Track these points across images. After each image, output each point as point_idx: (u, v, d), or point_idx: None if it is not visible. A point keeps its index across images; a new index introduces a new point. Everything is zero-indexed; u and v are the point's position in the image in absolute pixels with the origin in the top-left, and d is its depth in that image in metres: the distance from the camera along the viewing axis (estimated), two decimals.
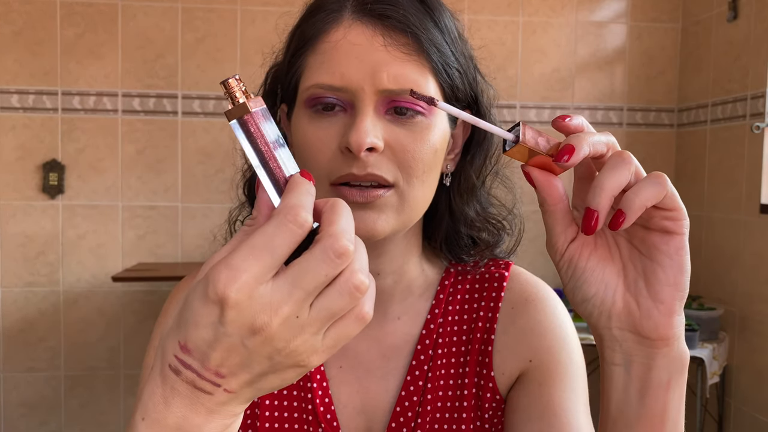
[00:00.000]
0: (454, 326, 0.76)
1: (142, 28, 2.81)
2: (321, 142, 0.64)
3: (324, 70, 0.64)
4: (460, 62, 0.69)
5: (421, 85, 0.64)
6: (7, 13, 2.74)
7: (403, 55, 0.63)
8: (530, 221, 3.24)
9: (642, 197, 0.47)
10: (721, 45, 2.75)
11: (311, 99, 0.64)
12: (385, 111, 0.64)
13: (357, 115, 0.62)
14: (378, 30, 0.64)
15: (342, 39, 0.64)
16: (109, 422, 2.89)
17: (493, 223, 0.77)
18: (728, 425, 2.69)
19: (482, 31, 2.92)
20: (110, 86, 2.81)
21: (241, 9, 2.85)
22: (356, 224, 0.62)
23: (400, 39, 0.64)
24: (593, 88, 3.01)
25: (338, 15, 0.65)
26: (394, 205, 0.65)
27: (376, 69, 0.62)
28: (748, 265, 2.56)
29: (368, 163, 0.62)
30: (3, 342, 2.83)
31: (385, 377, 0.74)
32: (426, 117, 0.65)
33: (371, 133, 0.61)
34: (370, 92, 0.62)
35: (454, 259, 0.78)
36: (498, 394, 0.73)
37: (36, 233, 2.81)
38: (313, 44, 0.65)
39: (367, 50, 0.63)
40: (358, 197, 0.63)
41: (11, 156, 2.78)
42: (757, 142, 2.52)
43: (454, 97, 0.68)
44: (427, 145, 0.65)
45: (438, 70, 0.66)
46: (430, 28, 0.65)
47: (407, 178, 0.64)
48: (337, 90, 0.63)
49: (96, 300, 2.85)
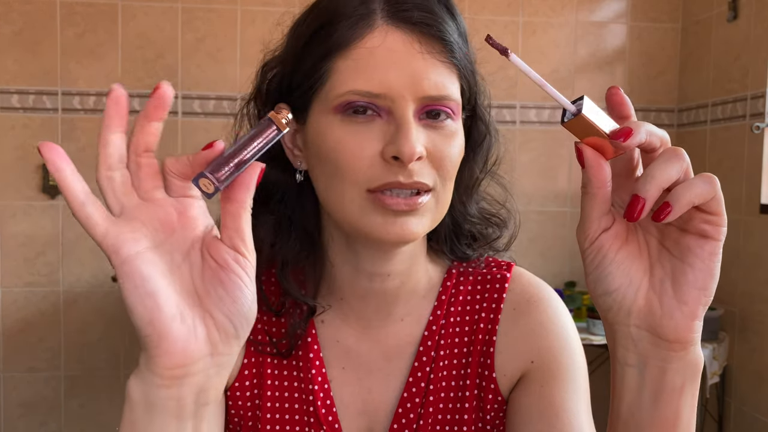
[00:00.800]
0: (456, 327, 0.76)
1: (142, 28, 2.82)
2: (359, 148, 0.63)
3: (360, 77, 0.63)
4: (470, 64, 0.70)
5: (454, 90, 0.65)
6: (7, 13, 2.74)
7: (438, 62, 0.64)
8: (531, 222, 3.26)
9: (691, 194, 0.46)
10: (721, 45, 2.75)
11: (347, 105, 0.63)
12: (419, 117, 0.64)
13: (402, 124, 0.62)
14: (415, 37, 0.64)
15: (380, 45, 0.63)
16: (109, 422, 2.89)
17: (489, 218, 0.78)
18: (728, 425, 2.69)
19: (482, 31, 2.91)
20: (110, 86, 2.81)
21: (241, 9, 2.85)
22: (397, 230, 0.64)
23: (436, 46, 0.64)
24: (593, 88, 3.01)
25: (370, 20, 0.64)
26: (432, 209, 0.66)
27: (416, 76, 0.63)
28: (748, 265, 2.56)
29: (414, 172, 0.62)
30: (3, 342, 2.83)
31: (387, 378, 0.74)
32: (454, 121, 0.66)
33: (419, 142, 0.62)
34: (410, 99, 0.63)
35: (455, 257, 0.78)
36: (500, 395, 0.73)
37: (36, 233, 2.81)
38: (344, 49, 0.64)
39: (405, 57, 0.63)
40: (403, 205, 0.63)
41: (11, 156, 2.78)
42: (757, 142, 2.53)
43: (467, 100, 0.70)
44: (456, 148, 0.66)
45: (462, 75, 0.67)
46: (454, 33, 0.67)
47: (442, 181, 0.65)
48: (375, 96, 0.63)
49: (96, 300, 2.85)
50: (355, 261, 0.72)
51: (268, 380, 0.73)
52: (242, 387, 0.73)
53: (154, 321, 0.44)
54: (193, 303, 0.47)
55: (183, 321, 0.45)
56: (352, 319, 0.75)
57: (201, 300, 0.47)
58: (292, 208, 0.73)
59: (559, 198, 3.03)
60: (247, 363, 0.73)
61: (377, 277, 0.72)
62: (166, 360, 0.45)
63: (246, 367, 0.73)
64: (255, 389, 0.73)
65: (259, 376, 0.73)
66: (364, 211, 0.64)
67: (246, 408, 0.73)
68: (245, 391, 0.73)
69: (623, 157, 0.51)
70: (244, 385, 0.73)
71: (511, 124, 2.97)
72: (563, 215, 3.03)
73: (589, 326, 2.48)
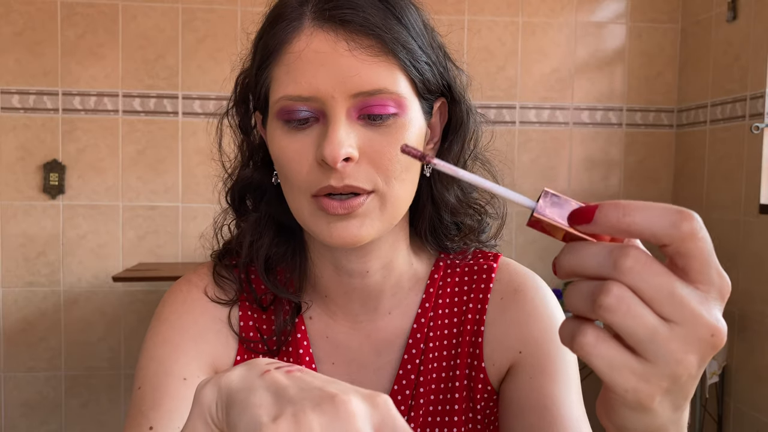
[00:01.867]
0: (444, 319, 0.76)
1: (143, 28, 2.82)
2: (298, 154, 0.64)
3: (290, 81, 0.63)
4: (429, 54, 0.68)
5: (392, 83, 0.63)
6: (7, 14, 2.75)
7: (369, 57, 0.63)
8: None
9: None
10: (720, 45, 2.75)
11: (282, 112, 0.64)
12: (357, 116, 0.63)
13: (330, 125, 0.62)
14: (341, 35, 0.63)
15: (305, 48, 0.63)
16: (110, 422, 2.90)
17: (475, 207, 0.77)
18: (727, 425, 2.70)
19: (482, 31, 2.93)
20: (111, 86, 2.81)
21: (241, 9, 2.85)
22: (340, 233, 0.64)
23: (364, 42, 0.63)
24: (593, 88, 3.01)
25: (298, 24, 0.64)
26: (376, 209, 0.65)
27: (345, 74, 0.62)
28: (748, 265, 2.56)
29: (345, 174, 0.62)
30: (3, 342, 2.83)
31: (377, 372, 0.75)
32: (400, 116, 0.64)
33: (345, 143, 0.61)
34: (341, 99, 0.62)
35: (441, 249, 0.78)
36: (489, 385, 0.74)
37: (36, 233, 2.81)
38: (277, 56, 0.65)
39: (332, 57, 0.62)
40: (339, 209, 0.63)
41: (12, 156, 2.78)
42: (756, 143, 2.53)
43: (426, 90, 0.68)
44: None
45: (407, 67, 0.65)
46: (393, 27, 0.64)
47: (386, 180, 0.64)
48: (306, 100, 0.63)
49: (96, 300, 2.86)
50: (334, 260, 0.72)
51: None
52: None
53: None
54: None
55: None
56: (339, 316, 0.75)
57: None
58: (274, 207, 0.74)
59: None
60: (239, 360, 0.73)
61: (356, 274, 0.72)
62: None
63: (238, 364, 0.73)
64: None
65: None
66: (312, 215, 0.65)
67: None
68: None
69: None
70: None
71: (511, 125, 2.98)
72: None
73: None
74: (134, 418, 0.67)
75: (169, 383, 0.68)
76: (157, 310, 0.76)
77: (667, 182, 3.07)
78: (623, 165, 3.05)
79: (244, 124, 0.75)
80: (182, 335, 0.71)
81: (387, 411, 0.34)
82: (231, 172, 0.77)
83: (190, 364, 0.70)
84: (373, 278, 0.73)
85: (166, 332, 0.72)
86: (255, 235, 0.73)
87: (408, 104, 0.65)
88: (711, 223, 2.79)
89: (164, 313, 0.74)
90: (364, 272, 0.72)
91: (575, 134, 3.02)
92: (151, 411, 0.66)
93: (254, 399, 0.34)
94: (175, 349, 0.70)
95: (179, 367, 0.69)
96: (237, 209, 0.77)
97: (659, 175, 3.07)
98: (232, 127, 0.77)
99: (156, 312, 0.76)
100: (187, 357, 0.70)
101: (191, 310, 0.73)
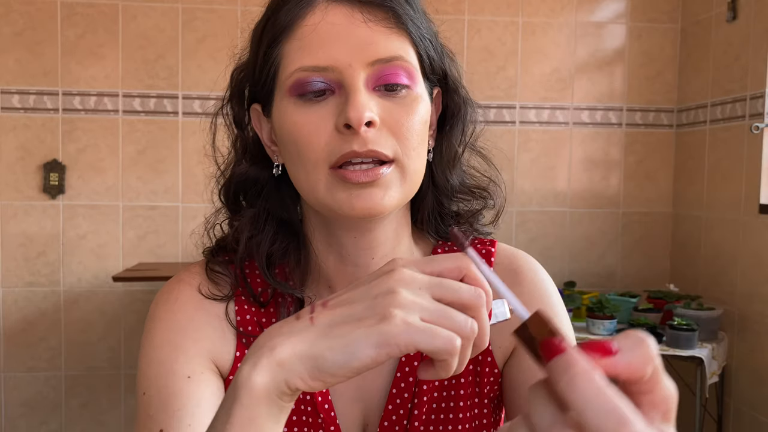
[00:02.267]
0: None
1: (143, 28, 2.82)
2: (315, 125, 0.63)
3: (306, 53, 0.63)
4: (429, 35, 0.70)
5: (406, 53, 0.65)
6: (7, 14, 2.75)
7: (384, 29, 0.64)
8: (530, 222, 3.26)
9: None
10: (720, 45, 2.75)
11: (297, 84, 0.64)
12: (374, 87, 0.64)
13: (351, 92, 0.62)
14: (356, 8, 0.64)
15: (321, 21, 0.64)
16: (110, 422, 2.90)
17: (474, 192, 0.77)
18: (727, 425, 2.70)
19: (482, 31, 2.93)
20: (111, 86, 2.82)
21: (241, 9, 2.85)
22: (363, 203, 0.63)
23: (379, 14, 0.64)
24: (593, 88, 3.01)
25: (311, 0, 0.65)
26: (397, 179, 0.65)
27: (362, 44, 0.63)
28: (748, 265, 2.56)
29: (368, 139, 0.62)
30: (3, 342, 2.83)
31: None
32: (412, 89, 0.66)
33: (368, 107, 0.62)
34: (358, 67, 0.63)
35: (440, 237, 0.78)
36: (496, 368, 0.74)
37: (37, 233, 2.81)
38: (289, 32, 0.65)
39: (349, 28, 0.63)
40: (362, 177, 0.63)
41: (12, 156, 2.79)
42: (756, 143, 2.53)
43: (430, 68, 0.69)
44: (418, 117, 0.65)
45: (417, 41, 0.67)
46: (402, 2, 0.66)
47: (405, 150, 0.65)
48: (323, 70, 0.63)
49: (96, 300, 2.86)
50: (339, 249, 0.72)
51: None
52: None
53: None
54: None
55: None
56: None
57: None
58: (272, 202, 0.73)
59: (558, 198, 3.03)
60: (239, 356, 0.73)
61: (362, 263, 0.72)
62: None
63: (239, 360, 0.73)
64: None
65: None
66: (330, 188, 0.64)
67: None
68: None
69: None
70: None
71: (511, 124, 2.98)
72: (563, 215, 3.03)
73: (588, 326, 2.48)
74: (143, 424, 0.66)
75: (174, 383, 0.67)
76: (151, 311, 0.75)
77: (667, 182, 3.08)
78: (623, 165, 3.05)
79: (239, 119, 0.75)
80: (180, 334, 0.71)
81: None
82: (224, 169, 0.77)
83: (192, 361, 0.69)
84: (378, 265, 0.72)
85: (163, 333, 0.71)
86: (254, 231, 0.73)
87: (417, 77, 0.66)
88: (710, 223, 2.79)
89: (158, 313, 0.73)
90: (369, 260, 0.72)
91: (575, 134, 3.02)
92: (159, 413, 0.65)
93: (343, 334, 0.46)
94: (174, 348, 0.70)
95: (180, 366, 0.69)
96: (231, 207, 0.76)
97: (659, 175, 3.07)
98: (226, 123, 0.77)
99: (149, 313, 0.75)
100: (187, 355, 0.70)
101: (185, 308, 0.72)
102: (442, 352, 0.45)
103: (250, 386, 0.46)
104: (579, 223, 3.04)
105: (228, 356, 0.73)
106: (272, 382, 0.47)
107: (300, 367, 0.46)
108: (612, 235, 3.06)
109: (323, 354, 0.46)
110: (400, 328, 0.45)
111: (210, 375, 0.70)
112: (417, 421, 0.73)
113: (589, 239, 3.05)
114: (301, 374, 0.46)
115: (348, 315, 0.47)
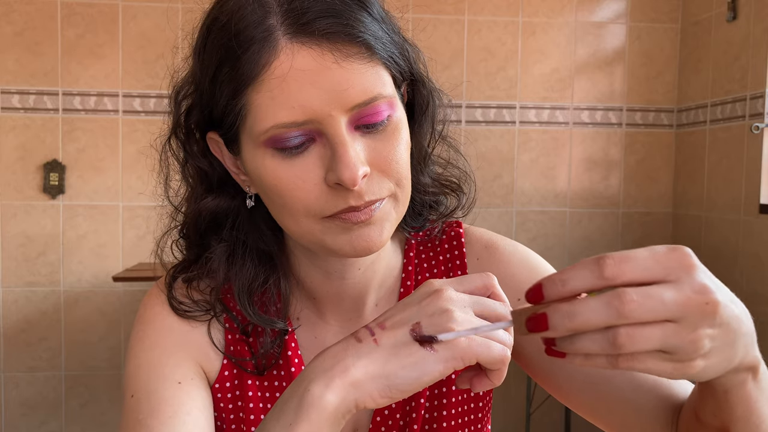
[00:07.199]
0: None
1: (143, 28, 2.82)
2: (300, 179, 0.60)
3: (280, 108, 0.58)
4: (395, 41, 0.64)
5: (382, 87, 0.60)
6: (7, 14, 2.75)
7: (358, 65, 0.58)
8: (530, 222, 3.25)
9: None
10: (720, 45, 2.75)
11: (274, 140, 0.59)
12: (354, 127, 0.60)
13: (337, 146, 0.58)
14: (325, 48, 0.58)
15: (290, 69, 0.57)
16: (110, 422, 2.90)
17: (447, 185, 0.77)
18: None
19: (482, 31, 2.93)
20: (111, 86, 2.82)
21: None
22: (362, 242, 0.62)
23: (351, 50, 0.58)
24: (593, 88, 3.01)
25: (272, 43, 0.58)
26: (391, 210, 0.64)
27: (338, 89, 0.57)
28: (748, 265, 2.56)
29: (363, 191, 0.60)
30: (3, 342, 2.83)
31: None
32: (392, 116, 0.62)
33: (358, 162, 0.58)
34: (338, 115, 0.58)
35: (412, 228, 0.77)
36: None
37: (37, 233, 2.81)
38: (254, 83, 0.58)
39: (321, 73, 0.57)
40: (362, 216, 0.61)
41: (12, 156, 2.79)
42: (756, 143, 2.53)
43: (400, 75, 0.65)
44: (403, 144, 0.63)
45: (388, 62, 0.62)
46: (369, 24, 0.60)
47: (398, 183, 0.63)
48: (301, 125, 0.58)
49: (96, 300, 2.86)
50: (325, 267, 0.71)
51: (248, 380, 0.72)
52: (223, 388, 0.72)
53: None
54: None
55: None
56: (328, 316, 0.75)
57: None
58: (246, 233, 0.70)
59: (558, 198, 3.03)
60: (227, 364, 0.72)
61: (348, 275, 0.72)
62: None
63: (226, 368, 0.72)
64: (236, 390, 0.72)
65: (239, 377, 0.72)
66: (326, 233, 0.62)
67: (228, 410, 0.72)
68: (226, 393, 0.72)
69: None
70: (225, 387, 0.72)
71: (511, 124, 2.98)
72: (563, 215, 3.03)
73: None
74: (132, 428, 0.64)
75: (165, 388, 0.66)
76: (139, 313, 0.73)
77: (667, 182, 3.08)
78: (623, 165, 3.05)
79: (198, 150, 0.70)
80: (169, 337, 0.70)
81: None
82: (181, 206, 0.73)
83: (182, 366, 0.68)
84: (364, 275, 0.73)
85: (152, 335, 0.70)
86: (231, 267, 0.70)
87: (396, 101, 0.63)
88: (711, 223, 2.79)
89: (146, 315, 0.72)
90: (355, 271, 0.72)
91: (575, 134, 3.02)
92: (149, 419, 0.63)
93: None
94: (164, 352, 0.68)
95: (170, 370, 0.67)
96: (198, 244, 0.72)
97: (659, 175, 3.07)
98: (174, 154, 0.72)
99: (138, 315, 0.73)
100: (177, 359, 0.68)
101: (173, 311, 0.72)
102: (498, 362, 0.52)
103: (322, 406, 0.50)
104: (579, 223, 3.04)
105: (216, 363, 0.72)
106: (343, 402, 0.50)
107: (372, 387, 0.50)
108: (612, 235, 3.06)
109: (396, 372, 0.50)
110: (463, 344, 0.50)
111: (199, 381, 0.69)
112: (415, 413, 0.73)
113: (589, 239, 3.05)
114: (371, 393, 0.51)
115: (407, 317, 0.52)
